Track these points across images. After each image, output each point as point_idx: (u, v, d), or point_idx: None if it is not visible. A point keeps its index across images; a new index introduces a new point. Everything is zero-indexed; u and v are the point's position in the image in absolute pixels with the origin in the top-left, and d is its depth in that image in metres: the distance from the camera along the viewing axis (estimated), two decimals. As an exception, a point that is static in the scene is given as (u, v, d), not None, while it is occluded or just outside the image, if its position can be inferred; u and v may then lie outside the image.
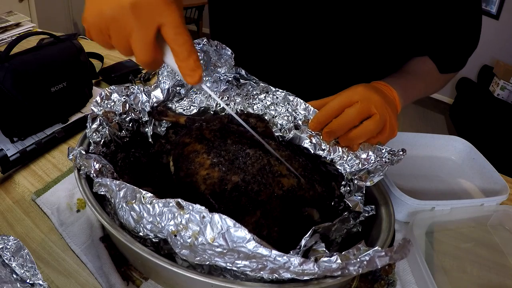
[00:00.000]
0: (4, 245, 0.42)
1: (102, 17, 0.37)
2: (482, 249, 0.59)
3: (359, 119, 0.51)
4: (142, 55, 0.39)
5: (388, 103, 0.53)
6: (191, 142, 0.54)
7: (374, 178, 0.50)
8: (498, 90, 2.54)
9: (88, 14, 0.39)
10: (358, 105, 0.50)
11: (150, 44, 0.38)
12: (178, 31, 0.38)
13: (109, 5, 0.36)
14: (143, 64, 0.40)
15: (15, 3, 1.86)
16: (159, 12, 0.37)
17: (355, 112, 0.51)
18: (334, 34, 0.71)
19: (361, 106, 0.50)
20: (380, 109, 0.51)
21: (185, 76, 0.41)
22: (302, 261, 0.35)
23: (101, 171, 0.47)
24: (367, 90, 0.52)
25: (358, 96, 0.51)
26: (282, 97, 0.65)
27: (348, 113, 0.51)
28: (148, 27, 0.37)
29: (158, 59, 0.40)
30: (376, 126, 0.51)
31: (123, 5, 0.36)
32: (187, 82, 0.42)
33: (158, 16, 0.37)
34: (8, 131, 0.73)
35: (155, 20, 0.37)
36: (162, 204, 0.39)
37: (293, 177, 0.51)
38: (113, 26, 0.37)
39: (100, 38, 0.40)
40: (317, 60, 0.76)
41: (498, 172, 0.67)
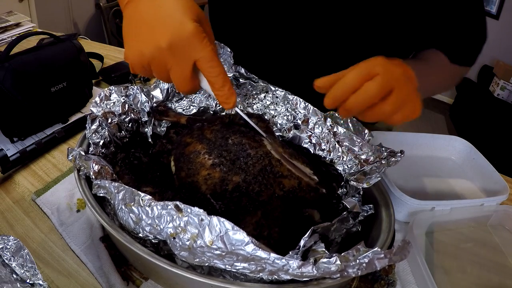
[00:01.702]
0: (4, 245, 0.42)
1: (143, 56, 0.41)
2: (482, 249, 0.59)
3: (381, 95, 0.44)
4: (181, 87, 0.43)
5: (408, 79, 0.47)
6: (192, 142, 0.54)
7: (371, 180, 0.48)
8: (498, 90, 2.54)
9: (130, 53, 0.43)
10: (379, 79, 0.44)
11: (188, 77, 0.42)
12: (212, 64, 0.42)
13: (148, 46, 0.40)
14: (182, 92, 0.45)
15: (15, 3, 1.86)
16: (193, 49, 0.40)
17: (376, 87, 0.43)
18: (335, 30, 0.71)
19: (382, 80, 0.44)
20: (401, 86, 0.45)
21: (222, 103, 0.45)
22: (301, 264, 0.35)
23: (100, 173, 0.47)
24: (388, 62, 0.46)
25: (379, 68, 0.44)
26: (281, 96, 0.65)
27: (368, 88, 0.44)
28: (184, 63, 0.41)
29: (195, 87, 0.44)
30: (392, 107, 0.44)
31: (160, 46, 0.39)
32: (225, 108, 0.47)
33: (193, 52, 0.40)
34: (8, 131, 0.73)
35: (191, 56, 0.40)
36: (160, 207, 0.39)
37: (294, 178, 0.51)
38: (153, 63, 0.41)
39: (144, 72, 0.44)
40: (317, 58, 0.76)
41: (498, 172, 0.67)
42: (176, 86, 0.44)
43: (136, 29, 0.42)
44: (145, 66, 0.42)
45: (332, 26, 0.71)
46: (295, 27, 0.73)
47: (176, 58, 0.40)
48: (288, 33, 0.74)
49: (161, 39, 0.39)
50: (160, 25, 0.40)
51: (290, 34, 0.74)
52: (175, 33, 0.39)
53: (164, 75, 0.43)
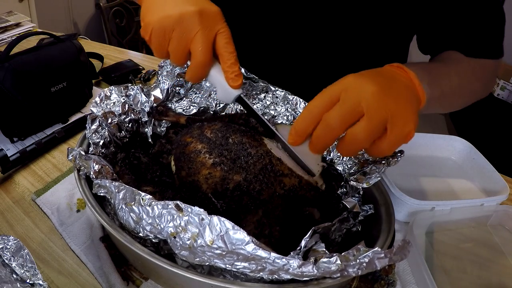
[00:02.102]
0: (4, 245, 0.42)
1: (169, 19, 0.41)
2: (482, 249, 0.59)
3: (343, 126, 0.39)
4: (201, 56, 0.43)
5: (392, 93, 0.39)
6: (192, 141, 0.54)
7: (371, 180, 0.48)
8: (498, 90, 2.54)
9: (153, 19, 0.42)
10: (337, 107, 0.38)
11: (209, 46, 0.43)
12: (229, 41, 0.44)
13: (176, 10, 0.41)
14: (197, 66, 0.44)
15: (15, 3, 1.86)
16: (218, 22, 0.43)
17: (335, 117, 0.38)
18: (335, 30, 0.71)
19: (342, 108, 0.38)
20: (373, 106, 0.37)
21: (229, 79, 0.46)
22: (301, 263, 0.35)
23: (100, 172, 0.47)
24: (356, 81, 0.39)
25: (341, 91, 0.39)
26: (281, 96, 0.65)
27: (327, 119, 0.39)
28: (210, 30, 0.42)
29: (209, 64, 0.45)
30: (365, 134, 0.38)
31: (192, 10, 0.41)
32: (231, 85, 0.46)
33: (218, 24, 0.43)
34: (8, 131, 0.73)
35: (216, 26, 0.43)
36: (161, 206, 0.39)
37: (295, 176, 0.51)
38: (179, 27, 0.42)
39: (161, 41, 0.43)
40: (317, 58, 0.76)
41: (498, 172, 0.67)
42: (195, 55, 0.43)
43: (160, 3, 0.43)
44: (167, 32, 0.42)
45: (332, 26, 0.71)
46: (295, 27, 0.73)
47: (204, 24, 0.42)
48: (288, 33, 0.74)
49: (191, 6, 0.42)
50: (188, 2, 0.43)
51: (290, 34, 0.74)
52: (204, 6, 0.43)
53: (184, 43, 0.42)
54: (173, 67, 0.66)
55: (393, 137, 0.39)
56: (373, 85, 0.38)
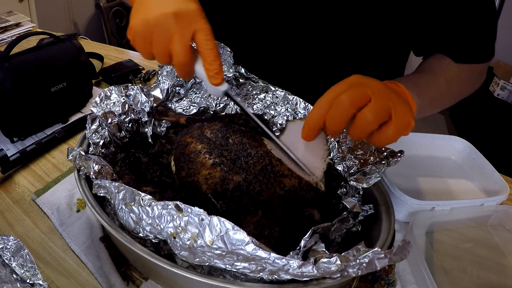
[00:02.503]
0: (4, 245, 0.42)
1: (147, 24, 0.43)
2: (482, 249, 0.59)
3: (354, 106, 0.42)
4: (180, 56, 0.44)
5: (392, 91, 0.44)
6: (192, 141, 0.54)
7: (371, 180, 0.49)
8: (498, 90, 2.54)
9: (134, 23, 0.44)
10: (349, 90, 0.42)
11: (187, 46, 0.44)
12: (209, 38, 0.44)
13: (153, 14, 0.43)
14: (179, 66, 0.46)
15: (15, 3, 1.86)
16: (195, 20, 0.43)
17: (346, 98, 0.41)
18: (335, 30, 0.71)
19: (353, 90, 0.42)
20: (379, 93, 0.42)
21: (210, 77, 0.46)
22: (301, 264, 0.35)
23: (100, 173, 0.47)
24: (361, 77, 0.44)
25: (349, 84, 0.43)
26: (281, 96, 0.65)
27: (338, 101, 0.42)
28: (186, 31, 0.43)
29: (191, 63, 0.46)
30: (373, 115, 0.41)
31: (166, 13, 0.42)
32: (211, 83, 0.47)
33: (195, 23, 0.43)
34: (8, 131, 0.73)
35: (192, 26, 0.43)
36: (161, 207, 0.39)
37: (295, 177, 0.51)
38: (156, 31, 0.43)
39: (143, 45, 0.45)
40: (317, 58, 0.76)
41: (498, 172, 0.67)
42: (175, 56, 0.45)
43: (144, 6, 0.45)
44: (147, 36, 0.44)
45: (332, 26, 0.71)
46: (295, 27, 0.73)
47: (179, 25, 0.43)
48: (288, 33, 0.74)
49: (168, 8, 0.43)
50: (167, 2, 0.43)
51: (290, 34, 0.74)
52: (181, 6, 0.43)
53: (163, 44, 0.44)
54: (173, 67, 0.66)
55: (397, 123, 0.42)
56: (376, 80, 0.44)
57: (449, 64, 0.66)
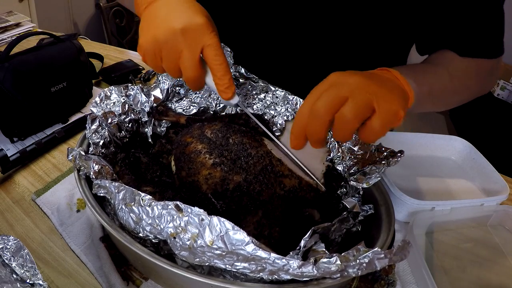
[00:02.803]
0: (4, 245, 0.42)
1: (156, 41, 0.43)
2: (482, 249, 0.59)
3: (330, 112, 0.40)
4: (189, 72, 0.44)
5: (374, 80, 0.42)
6: (192, 141, 0.54)
7: (371, 180, 0.48)
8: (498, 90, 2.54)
9: (144, 41, 0.45)
10: (323, 96, 0.40)
11: (196, 62, 0.44)
12: (217, 53, 0.44)
13: (162, 31, 0.43)
14: (189, 81, 0.46)
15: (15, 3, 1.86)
16: (203, 36, 0.43)
17: (321, 107, 0.40)
18: (335, 29, 0.71)
19: (327, 96, 0.40)
20: (355, 89, 0.39)
21: (220, 92, 0.46)
22: (301, 264, 0.35)
23: (100, 173, 0.47)
24: (340, 74, 0.42)
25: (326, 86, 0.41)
26: (281, 96, 0.65)
27: (314, 110, 0.40)
28: (194, 47, 0.43)
29: (201, 77, 0.46)
30: (352, 113, 0.39)
31: (174, 30, 0.42)
32: (222, 98, 0.47)
33: (203, 38, 0.43)
34: (8, 131, 0.73)
35: (200, 42, 0.43)
36: (161, 207, 0.39)
37: (295, 177, 0.51)
38: (165, 48, 0.43)
39: (154, 61, 0.45)
40: (318, 57, 0.76)
41: (498, 172, 0.67)
42: (184, 72, 0.45)
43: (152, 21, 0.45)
44: (157, 52, 0.44)
45: (333, 26, 0.71)
46: (295, 27, 0.73)
47: (187, 41, 0.43)
48: (288, 33, 0.74)
49: (175, 24, 0.42)
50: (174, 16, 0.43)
51: (290, 34, 0.74)
52: (188, 21, 0.43)
53: (173, 60, 0.44)
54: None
55: (382, 114, 0.40)
56: (355, 75, 0.41)
57: (453, 57, 0.63)
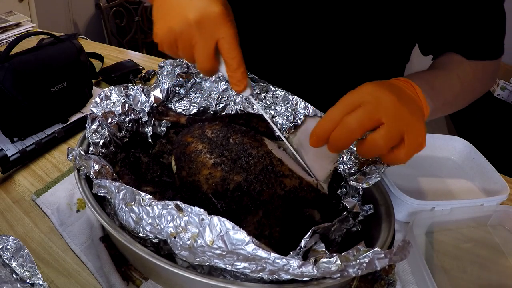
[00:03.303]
0: (4, 245, 0.42)
1: (171, 32, 0.43)
2: (482, 249, 0.59)
3: (361, 130, 0.41)
4: (203, 64, 0.45)
5: (407, 105, 0.42)
6: (193, 141, 0.54)
7: (371, 180, 0.48)
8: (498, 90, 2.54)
9: (159, 30, 0.45)
10: (359, 112, 0.40)
11: (210, 55, 0.44)
12: (232, 46, 0.43)
13: (177, 22, 0.43)
14: (202, 71, 0.46)
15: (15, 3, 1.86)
16: (218, 28, 0.42)
17: (354, 122, 0.40)
18: (336, 31, 0.71)
19: (362, 113, 0.40)
20: (392, 116, 0.40)
21: (232, 84, 0.46)
22: (301, 264, 0.35)
23: (100, 172, 0.47)
24: (376, 90, 0.42)
25: (362, 99, 0.41)
26: (281, 96, 0.65)
27: (346, 123, 0.41)
28: (209, 40, 0.43)
29: (215, 66, 0.46)
30: (384, 141, 0.40)
31: (189, 22, 0.42)
32: (234, 90, 0.48)
33: (217, 31, 0.42)
34: (8, 131, 0.73)
35: (215, 34, 0.42)
36: (161, 206, 0.39)
37: (295, 177, 0.51)
38: (180, 39, 0.44)
39: (170, 50, 0.46)
40: (318, 58, 0.76)
41: (498, 172, 0.67)
42: (197, 63, 0.45)
43: (167, 10, 0.44)
44: (172, 43, 0.45)
45: (334, 27, 0.70)
46: (295, 27, 0.73)
47: (202, 34, 0.42)
48: (288, 33, 0.74)
49: (190, 15, 0.42)
50: (189, 5, 0.42)
51: (290, 34, 0.74)
52: (203, 11, 0.42)
53: (188, 51, 0.45)
54: (173, 67, 0.66)
55: (409, 147, 0.41)
56: (392, 95, 0.41)
57: (462, 61, 0.64)
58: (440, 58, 0.68)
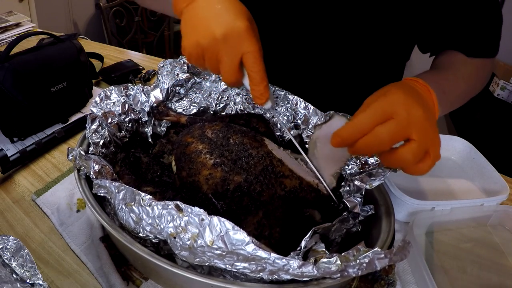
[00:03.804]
0: (4, 245, 0.42)
1: (198, 47, 0.45)
2: (482, 249, 0.59)
3: (392, 143, 0.41)
4: (228, 77, 0.46)
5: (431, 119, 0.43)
6: (193, 141, 0.54)
7: (374, 182, 0.48)
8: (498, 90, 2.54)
9: (188, 45, 0.46)
10: (392, 125, 0.40)
11: (235, 69, 0.46)
12: (256, 61, 0.45)
13: (204, 37, 0.44)
14: (227, 83, 0.48)
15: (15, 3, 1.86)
16: (243, 43, 0.44)
17: (386, 134, 0.40)
18: (336, 30, 0.71)
19: (395, 127, 0.40)
20: (422, 134, 0.41)
21: (255, 97, 0.48)
22: (301, 264, 0.35)
23: (100, 172, 0.47)
24: (408, 101, 0.41)
25: (394, 109, 0.41)
26: (282, 96, 0.65)
27: (378, 134, 0.41)
28: (234, 54, 0.44)
29: (239, 80, 0.48)
30: (413, 157, 0.41)
31: (215, 37, 0.43)
32: (256, 103, 0.49)
33: (243, 46, 0.44)
34: (8, 131, 0.73)
35: (240, 49, 0.44)
36: (161, 207, 0.39)
37: (295, 178, 0.51)
38: (207, 53, 0.45)
39: (198, 63, 0.48)
40: (318, 58, 0.76)
41: (498, 172, 0.67)
42: (223, 76, 0.47)
43: (194, 24, 0.46)
44: (200, 56, 0.46)
45: (334, 26, 0.70)
46: (295, 26, 0.73)
47: (228, 49, 0.44)
48: (288, 32, 0.74)
49: (217, 31, 0.43)
50: (216, 20, 0.44)
51: (290, 33, 0.74)
52: (229, 27, 0.43)
53: (214, 64, 0.46)
54: (173, 67, 0.66)
55: (433, 160, 0.42)
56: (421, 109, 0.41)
57: (466, 61, 0.65)
58: (443, 57, 0.68)
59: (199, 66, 0.49)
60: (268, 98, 0.48)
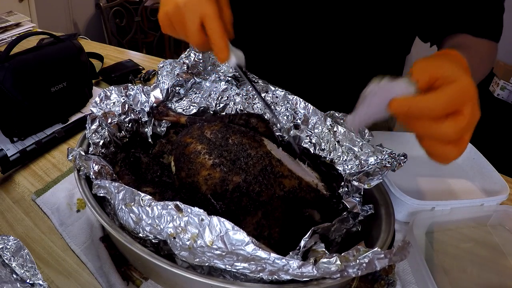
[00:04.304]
0: (4, 245, 0.42)
1: (167, 15, 0.52)
2: (482, 249, 0.59)
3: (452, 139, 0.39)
4: (193, 38, 0.51)
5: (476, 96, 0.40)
6: (192, 142, 0.54)
7: (372, 182, 0.48)
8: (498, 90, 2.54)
9: (160, 15, 0.53)
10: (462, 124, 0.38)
11: (197, 31, 0.50)
12: (212, 21, 0.50)
13: (170, 6, 0.51)
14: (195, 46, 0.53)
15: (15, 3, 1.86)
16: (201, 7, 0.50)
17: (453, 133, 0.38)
18: (335, 28, 0.71)
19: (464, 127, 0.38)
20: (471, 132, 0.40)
21: (216, 55, 0.52)
22: (301, 264, 0.35)
23: (100, 173, 0.47)
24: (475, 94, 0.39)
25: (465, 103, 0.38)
26: (281, 96, 0.65)
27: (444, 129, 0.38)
28: (194, 17, 0.50)
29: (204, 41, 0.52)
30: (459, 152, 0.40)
31: (178, 5, 0.50)
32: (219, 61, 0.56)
33: (200, 9, 0.50)
34: (8, 131, 0.73)
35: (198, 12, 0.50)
36: (161, 207, 0.39)
37: (294, 178, 0.51)
38: (174, 20, 0.52)
39: (170, 30, 0.54)
40: (318, 57, 0.76)
41: (498, 172, 0.67)
42: (189, 38, 0.52)
43: None
44: (170, 24, 0.53)
45: (333, 23, 0.70)
46: (294, 23, 0.73)
47: (188, 14, 0.50)
48: (288, 33, 0.74)
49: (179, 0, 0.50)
50: None
51: (290, 34, 0.74)
52: None
53: (182, 29, 0.52)
54: (173, 67, 0.66)
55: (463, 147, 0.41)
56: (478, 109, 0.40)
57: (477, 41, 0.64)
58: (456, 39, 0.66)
59: (172, 34, 0.54)
60: (229, 55, 0.51)
